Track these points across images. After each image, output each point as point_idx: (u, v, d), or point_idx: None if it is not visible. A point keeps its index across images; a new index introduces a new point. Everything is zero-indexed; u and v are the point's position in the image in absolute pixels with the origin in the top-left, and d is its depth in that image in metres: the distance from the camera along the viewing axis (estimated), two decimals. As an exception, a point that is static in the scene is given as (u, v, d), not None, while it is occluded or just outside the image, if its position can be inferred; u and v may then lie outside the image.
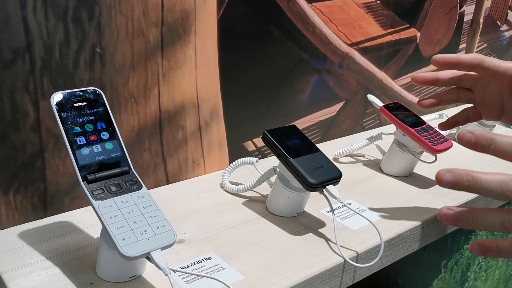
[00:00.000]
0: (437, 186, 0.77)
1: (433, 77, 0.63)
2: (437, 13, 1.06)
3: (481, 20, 1.19)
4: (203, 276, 0.51)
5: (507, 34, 1.32)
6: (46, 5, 0.54)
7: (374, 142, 0.85)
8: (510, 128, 0.90)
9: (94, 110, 0.50)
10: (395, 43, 0.99)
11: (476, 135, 0.44)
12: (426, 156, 0.78)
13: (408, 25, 1.00)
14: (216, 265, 0.54)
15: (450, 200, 0.72)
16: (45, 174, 0.60)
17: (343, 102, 0.94)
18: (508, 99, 0.60)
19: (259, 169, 0.69)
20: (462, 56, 0.60)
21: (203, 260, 0.54)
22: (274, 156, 0.63)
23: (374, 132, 0.88)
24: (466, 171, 0.45)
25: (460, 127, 0.97)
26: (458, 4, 1.11)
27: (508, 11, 1.28)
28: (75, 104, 0.49)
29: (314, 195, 0.62)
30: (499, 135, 0.44)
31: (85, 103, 0.50)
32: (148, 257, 0.45)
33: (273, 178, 0.66)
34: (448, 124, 0.68)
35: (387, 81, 1.01)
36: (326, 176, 0.59)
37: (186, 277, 0.51)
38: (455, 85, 0.65)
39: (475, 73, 0.62)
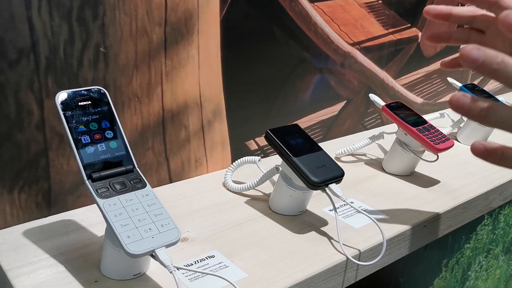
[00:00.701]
0: (439, 184, 0.77)
1: (447, 11, 0.57)
2: (439, 13, 1.06)
3: (482, 20, 1.19)
4: (207, 274, 0.51)
5: (508, 33, 1.32)
6: (51, 5, 0.54)
7: (376, 141, 0.85)
8: None
9: (99, 109, 0.50)
10: (397, 42, 0.99)
11: (486, 53, 0.38)
12: (428, 155, 0.78)
13: (409, 25, 1.01)
14: (219, 263, 0.54)
15: (452, 198, 0.72)
16: (49, 173, 0.60)
17: (345, 101, 0.94)
18: None
19: (262, 168, 0.69)
20: None
21: (207, 258, 0.55)
22: (277, 155, 0.63)
23: (375, 131, 0.88)
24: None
25: (462, 127, 0.97)
26: (459, 4, 1.11)
27: (509, 10, 1.28)
28: (79, 103, 0.49)
29: (317, 193, 0.63)
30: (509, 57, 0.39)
31: (89, 102, 0.50)
32: (152, 254, 0.45)
33: (276, 177, 0.66)
34: (451, 63, 0.61)
35: (389, 80, 1.01)
36: (329, 174, 0.60)
37: (190, 274, 0.51)
38: (468, 24, 0.59)
39: (491, 15, 0.56)
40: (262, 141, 0.82)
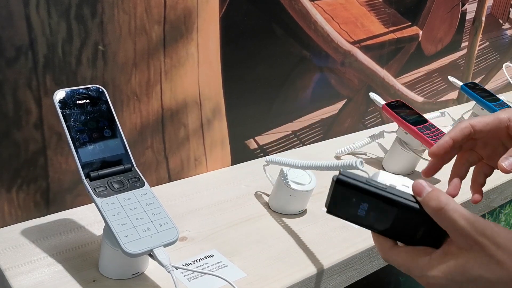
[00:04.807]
0: (439, 184, 0.77)
1: (439, 164, 0.58)
2: (439, 11, 1.06)
3: (483, 19, 1.19)
4: (205, 274, 0.51)
5: (509, 32, 1.31)
6: (49, 3, 0.54)
7: (376, 140, 0.85)
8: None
9: (97, 108, 0.50)
10: (397, 41, 0.99)
11: None
12: (428, 154, 0.78)
13: (410, 23, 1.00)
14: (218, 262, 0.54)
15: (452, 198, 0.72)
16: (48, 172, 0.60)
17: (345, 100, 0.94)
18: (511, 144, 0.55)
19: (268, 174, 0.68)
20: (452, 134, 0.55)
21: (206, 258, 0.54)
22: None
23: (376, 130, 0.88)
24: None
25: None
26: (460, 2, 1.11)
27: (510, 9, 1.28)
28: (77, 102, 0.49)
29: (316, 193, 0.62)
30: None
31: (88, 101, 0.50)
32: (150, 254, 0.45)
33: (276, 176, 0.66)
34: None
35: (389, 79, 1.01)
36: (328, 174, 0.59)
37: (188, 274, 0.51)
38: (458, 152, 0.59)
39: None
40: (261, 140, 0.82)
